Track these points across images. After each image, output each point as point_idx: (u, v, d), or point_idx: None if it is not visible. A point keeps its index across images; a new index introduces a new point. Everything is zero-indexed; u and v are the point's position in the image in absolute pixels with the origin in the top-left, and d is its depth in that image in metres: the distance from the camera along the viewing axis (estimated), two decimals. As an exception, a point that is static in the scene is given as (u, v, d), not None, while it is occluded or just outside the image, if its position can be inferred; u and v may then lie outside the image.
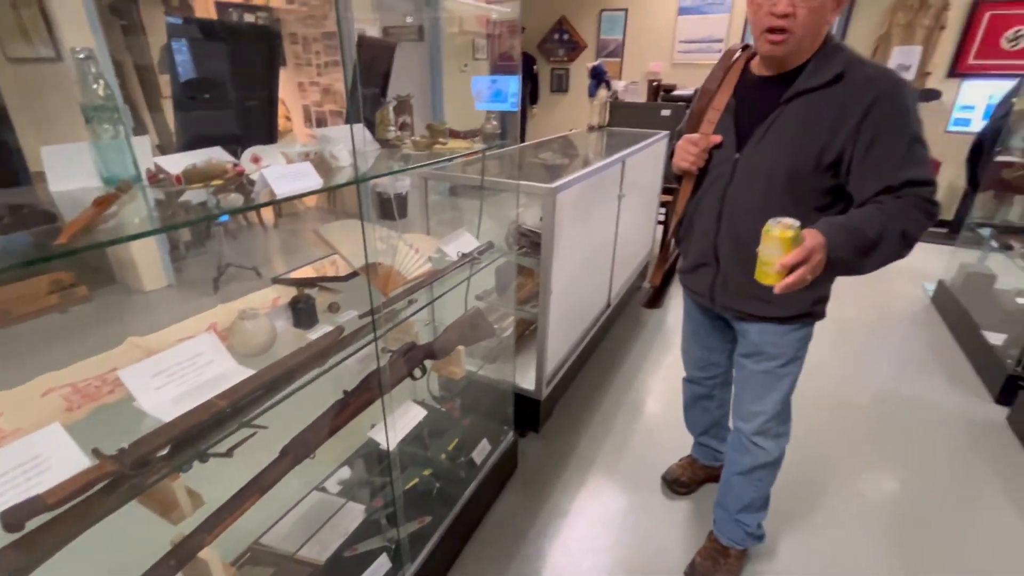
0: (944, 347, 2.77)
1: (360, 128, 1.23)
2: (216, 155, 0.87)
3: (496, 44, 6.17)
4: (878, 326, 3.00)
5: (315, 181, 0.83)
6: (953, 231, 4.05)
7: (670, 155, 1.29)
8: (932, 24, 4.31)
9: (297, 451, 0.94)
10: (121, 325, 2.87)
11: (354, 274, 1.19)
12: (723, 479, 1.45)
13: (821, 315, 1.20)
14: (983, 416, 2.22)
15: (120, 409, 0.77)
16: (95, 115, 0.71)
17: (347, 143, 1.14)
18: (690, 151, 1.15)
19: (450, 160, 1.15)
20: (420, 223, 1.91)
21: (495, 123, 1.34)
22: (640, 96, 3.94)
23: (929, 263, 3.70)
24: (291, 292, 1.15)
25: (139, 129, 3.77)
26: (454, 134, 1.41)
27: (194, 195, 0.78)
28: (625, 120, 3.37)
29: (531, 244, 1.75)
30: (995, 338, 2.50)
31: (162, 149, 3.75)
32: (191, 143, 2.20)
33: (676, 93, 4.22)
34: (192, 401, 0.75)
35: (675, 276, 1.44)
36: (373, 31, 3.74)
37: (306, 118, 5.20)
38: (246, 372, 0.83)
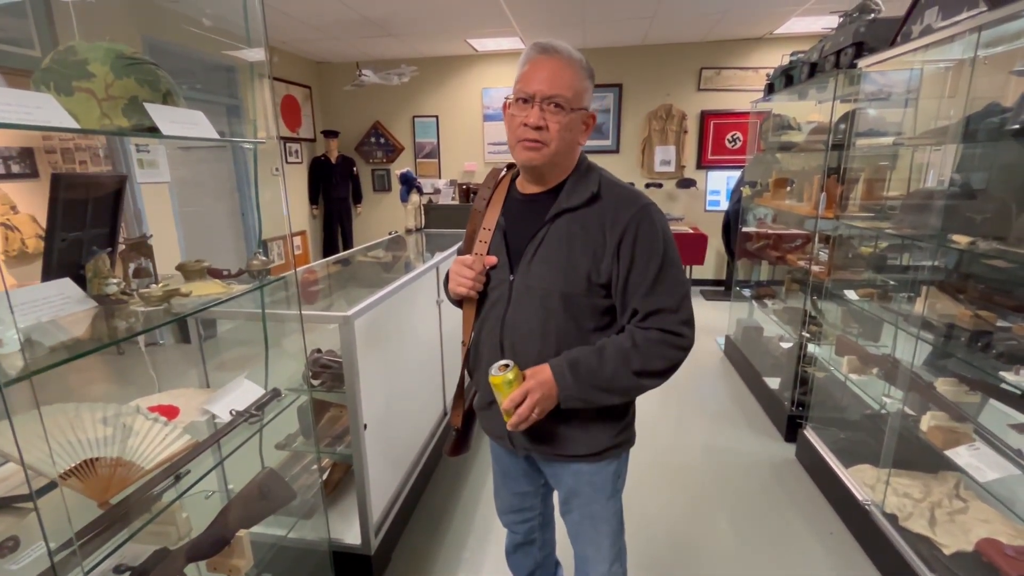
0: (741, 396, 3.18)
1: (65, 285, 0.96)
2: None
3: (311, 148, 6.11)
4: (688, 383, 3.35)
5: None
6: (728, 290, 4.87)
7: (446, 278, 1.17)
8: (678, 129, 5.43)
9: None
10: None
11: (54, 484, 0.87)
12: None
13: (631, 442, 1.15)
14: (780, 456, 2.52)
15: None
16: None
17: (31, 312, 0.87)
18: (466, 275, 1.06)
19: (192, 314, 0.95)
20: (197, 370, 1.59)
21: (262, 258, 1.18)
22: (452, 198, 4.13)
23: (718, 319, 4.34)
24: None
25: None
26: (214, 273, 1.20)
27: None
28: (441, 221, 3.45)
29: (334, 377, 1.55)
30: (773, 382, 2.94)
31: None
32: None
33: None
34: None
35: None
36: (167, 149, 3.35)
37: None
38: None
